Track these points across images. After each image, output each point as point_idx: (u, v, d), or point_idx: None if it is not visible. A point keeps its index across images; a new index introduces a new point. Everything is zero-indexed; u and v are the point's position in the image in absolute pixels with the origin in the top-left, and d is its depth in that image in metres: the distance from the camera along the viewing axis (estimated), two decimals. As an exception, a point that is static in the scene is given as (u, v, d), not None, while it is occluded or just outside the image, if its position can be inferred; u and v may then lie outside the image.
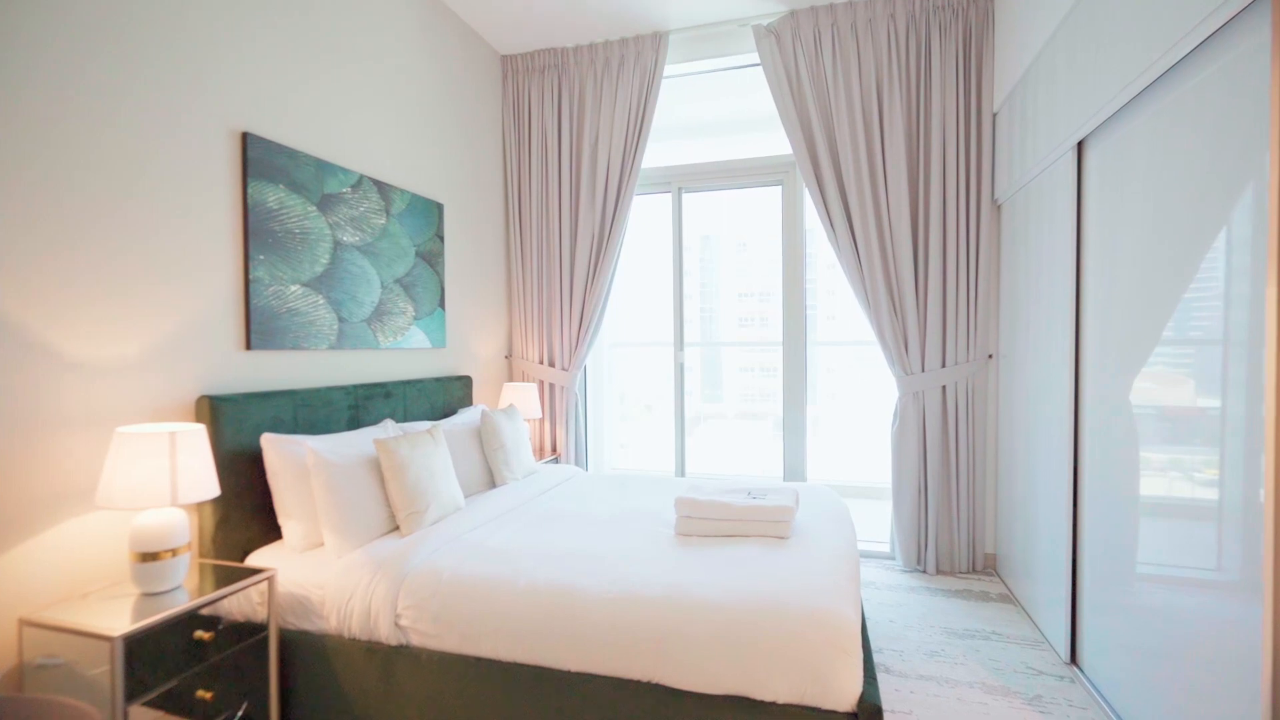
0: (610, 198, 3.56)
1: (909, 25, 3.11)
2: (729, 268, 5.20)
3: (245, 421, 2.02)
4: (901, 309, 3.18)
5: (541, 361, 3.80)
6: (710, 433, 5.19)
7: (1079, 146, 2.18)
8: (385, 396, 2.68)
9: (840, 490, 4.36)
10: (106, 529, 1.73)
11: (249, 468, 2.03)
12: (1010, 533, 2.96)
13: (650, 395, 5.12)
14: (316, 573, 1.89)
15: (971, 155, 3.10)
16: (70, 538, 1.65)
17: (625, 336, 4.82)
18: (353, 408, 2.49)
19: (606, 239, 3.58)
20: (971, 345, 3.15)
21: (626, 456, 4.97)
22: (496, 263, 3.80)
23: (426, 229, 3.07)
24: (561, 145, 3.66)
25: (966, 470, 3.15)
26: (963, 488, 3.15)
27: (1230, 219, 1.42)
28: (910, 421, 3.18)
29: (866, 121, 3.17)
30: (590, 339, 3.68)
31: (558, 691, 1.63)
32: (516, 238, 3.79)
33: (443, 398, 3.09)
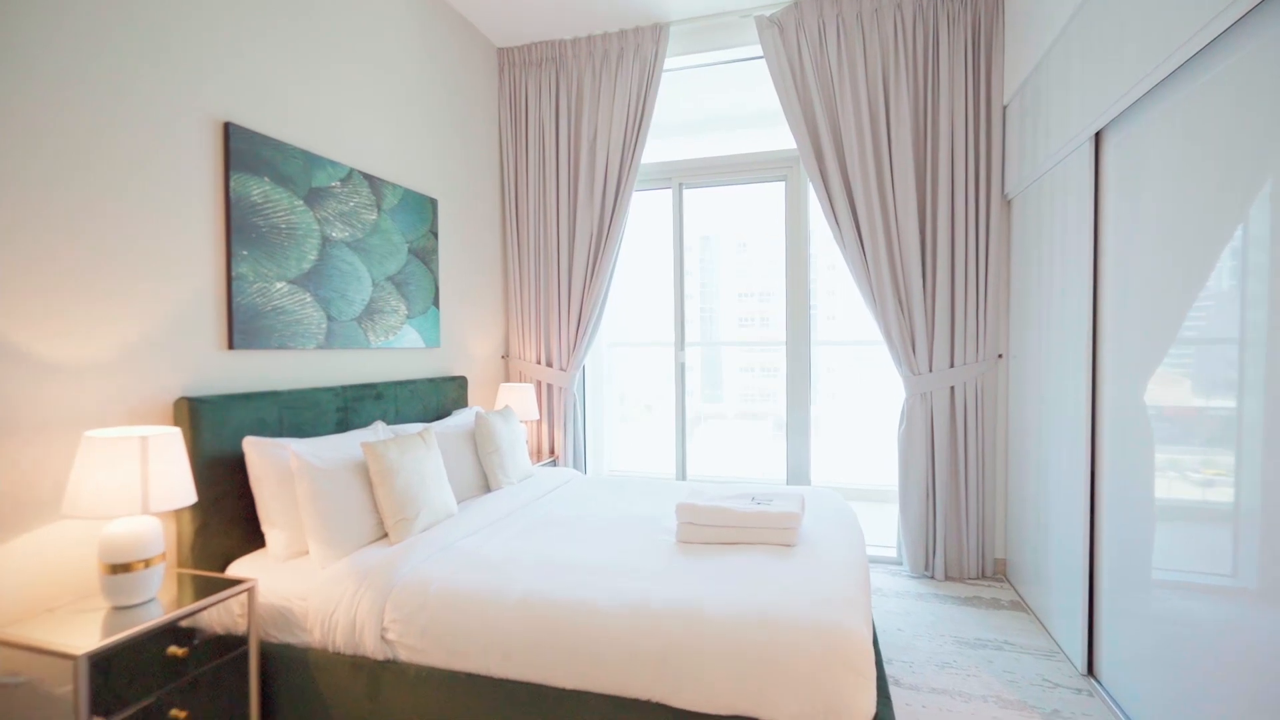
0: (609, 193, 3.47)
1: (916, 15, 3.02)
2: (729, 268, 5.13)
3: (227, 424, 1.93)
4: (909, 308, 3.09)
5: (539, 361, 3.71)
6: (710, 433, 5.12)
7: (1096, 138, 2.10)
8: (376, 398, 2.59)
9: (843, 493, 4.27)
10: (78, 539, 1.64)
11: (231, 472, 1.94)
12: (1021, 537, 2.87)
13: (650, 395, 5.04)
14: (300, 583, 1.80)
15: (981, 149, 3.01)
16: (39, 548, 1.56)
17: (625, 336, 4.74)
18: (341, 410, 2.40)
19: (606, 236, 3.49)
20: (981, 345, 3.06)
21: (626, 458, 4.88)
22: (493, 260, 3.71)
23: (420, 225, 2.98)
24: (559, 140, 3.57)
25: (976, 473, 3.06)
26: (972, 491, 3.06)
27: (1248, 216, 1.34)
28: (918, 423, 3.10)
29: (872, 115, 3.08)
30: (589, 338, 3.59)
31: (552, 710, 1.54)
32: (513, 234, 3.70)
33: (437, 399, 3.00)
